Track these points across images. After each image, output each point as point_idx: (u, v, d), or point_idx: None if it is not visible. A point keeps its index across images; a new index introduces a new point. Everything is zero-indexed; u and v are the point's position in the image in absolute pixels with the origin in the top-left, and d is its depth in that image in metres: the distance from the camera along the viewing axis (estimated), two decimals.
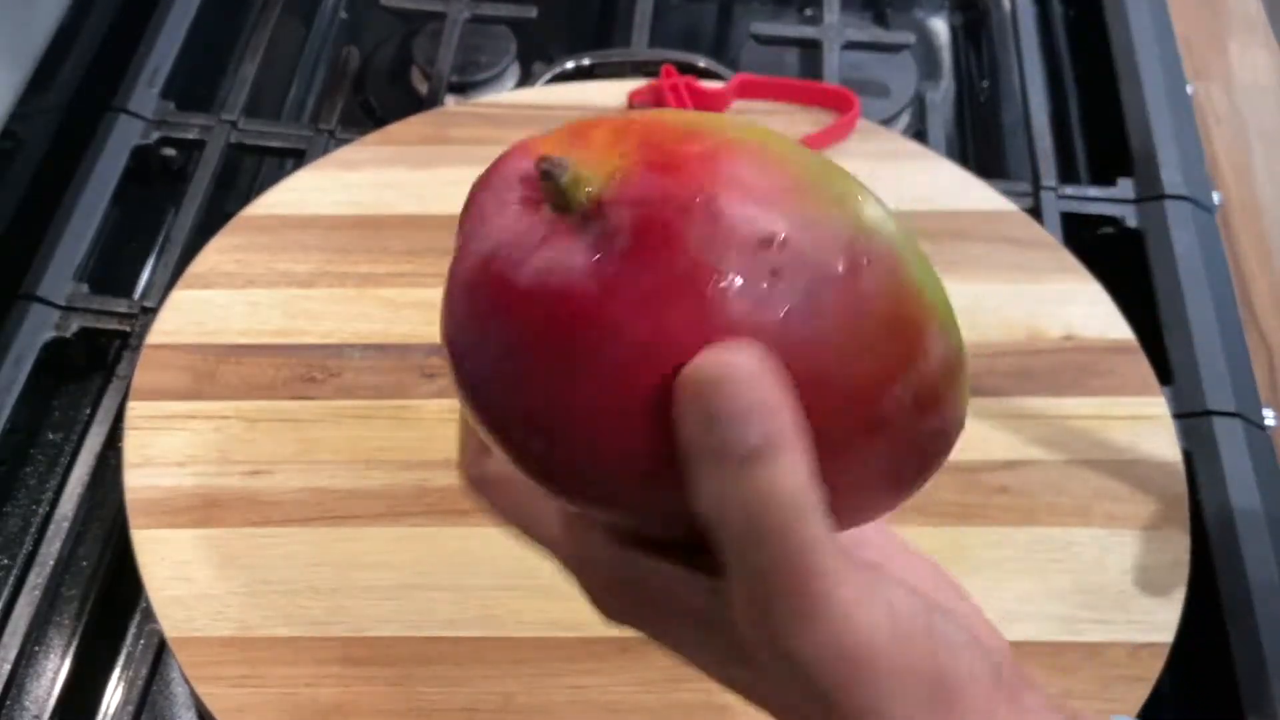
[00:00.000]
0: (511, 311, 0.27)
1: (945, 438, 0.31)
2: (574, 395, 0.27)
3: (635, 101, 0.66)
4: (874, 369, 0.28)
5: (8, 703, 0.52)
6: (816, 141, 0.65)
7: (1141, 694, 0.48)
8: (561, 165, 0.27)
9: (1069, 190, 0.68)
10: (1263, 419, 0.60)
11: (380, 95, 0.77)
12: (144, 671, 0.52)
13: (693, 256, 0.26)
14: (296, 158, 0.69)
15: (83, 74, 0.71)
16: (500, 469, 0.33)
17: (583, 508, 0.31)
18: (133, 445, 0.54)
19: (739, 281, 0.27)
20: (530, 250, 0.27)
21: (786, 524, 0.27)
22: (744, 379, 0.26)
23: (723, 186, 0.27)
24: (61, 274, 0.63)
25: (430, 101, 0.72)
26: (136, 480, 0.53)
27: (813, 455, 0.27)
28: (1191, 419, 0.59)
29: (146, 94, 0.71)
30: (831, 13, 0.77)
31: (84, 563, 0.56)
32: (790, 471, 0.27)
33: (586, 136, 0.29)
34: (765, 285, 0.27)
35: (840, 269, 0.28)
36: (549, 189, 0.28)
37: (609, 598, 0.33)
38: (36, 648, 0.54)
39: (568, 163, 0.27)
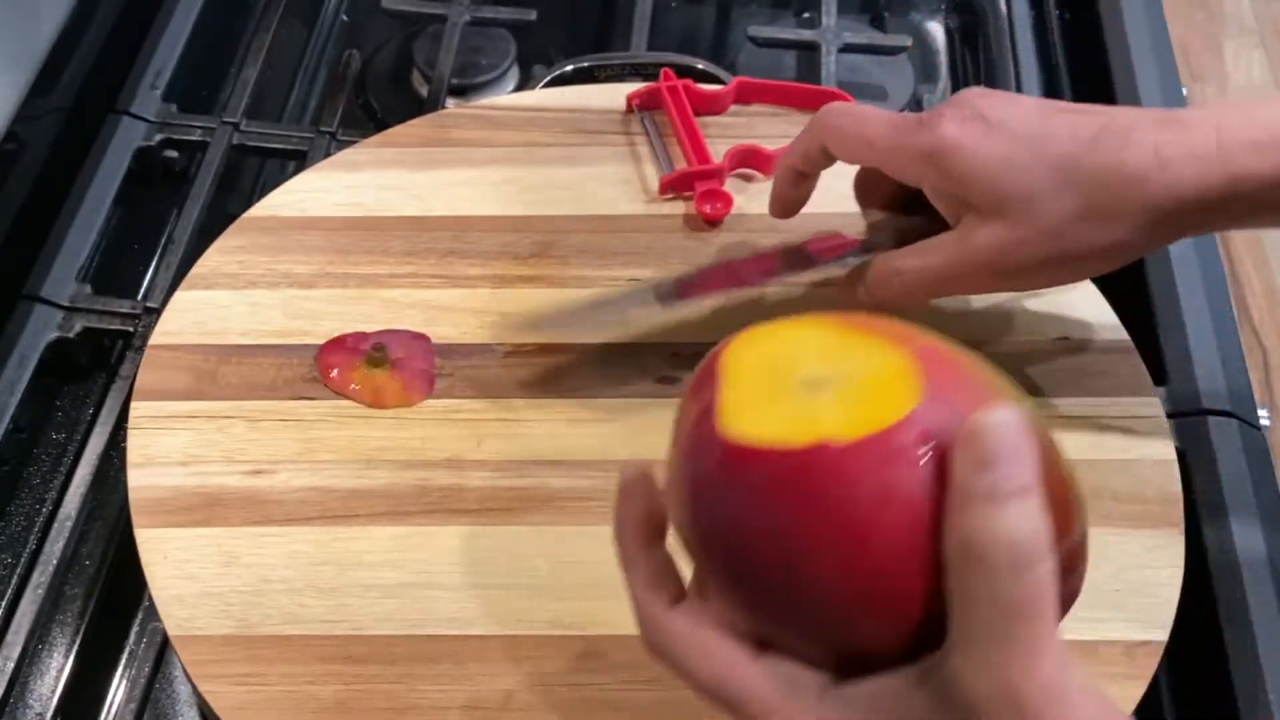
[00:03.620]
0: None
1: (1072, 599, 0.37)
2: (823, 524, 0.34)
3: (634, 103, 0.67)
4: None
5: (12, 700, 0.52)
6: None
7: (1137, 692, 0.49)
8: None
9: None
10: (1257, 419, 0.60)
11: (381, 97, 0.78)
12: (146, 669, 0.53)
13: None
14: (298, 159, 0.70)
15: (85, 76, 0.72)
16: (686, 628, 0.38)
17: (810, 623, 0.35)
18: (135, 445, 0.54)
19: None
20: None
21: (1038, 556, 0.32)
22: (1015, 428, 0.32)
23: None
24: (65, 275, 0.64)
25: (431, 104, 0.73)
26: (139, 480, 0.53)
27: None
28: (1186, 419, 0.59)
29: (149, 96, 0.72)
30: (829, 16, 0.77)
31: (87, 562, 0.57)
32: (1042, 511, 0.32)
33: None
34: None
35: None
36: None
37: None
38: (40, 646, 0.55)
39: None
